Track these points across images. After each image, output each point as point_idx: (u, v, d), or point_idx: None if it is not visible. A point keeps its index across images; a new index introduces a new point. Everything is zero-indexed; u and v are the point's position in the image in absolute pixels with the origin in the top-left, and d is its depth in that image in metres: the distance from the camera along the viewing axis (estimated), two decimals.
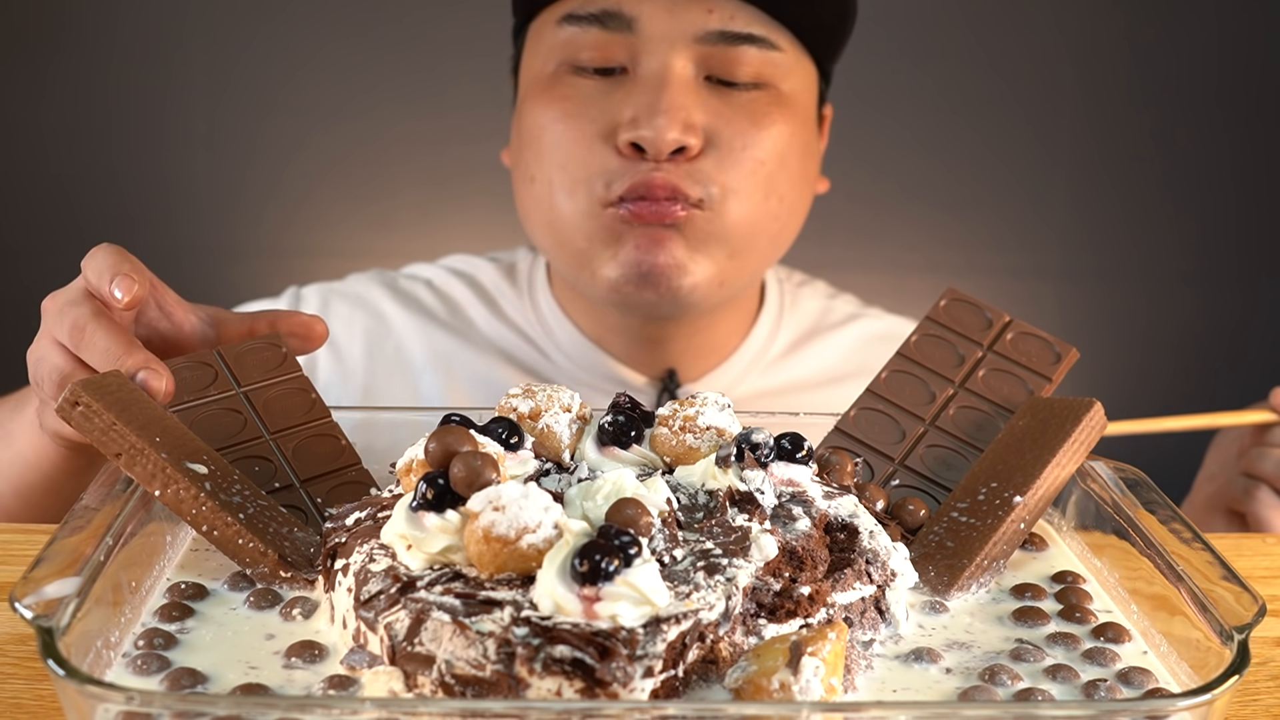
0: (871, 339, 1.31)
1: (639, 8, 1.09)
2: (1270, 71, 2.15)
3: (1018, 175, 2.21)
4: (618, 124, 1.09)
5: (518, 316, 1.27)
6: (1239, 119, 2.17)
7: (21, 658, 0.69)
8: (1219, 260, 2.22)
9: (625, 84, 1.10)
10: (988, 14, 2.16)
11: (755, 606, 0.63)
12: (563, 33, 1.12)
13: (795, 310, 1.30)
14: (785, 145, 1.12)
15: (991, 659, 0.64)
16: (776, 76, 1.12)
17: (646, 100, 1.08)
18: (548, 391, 0.74)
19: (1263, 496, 1.04)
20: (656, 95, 1.07)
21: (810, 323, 1.30)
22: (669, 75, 1.08)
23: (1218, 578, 0.65)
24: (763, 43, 1.10)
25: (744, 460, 0.68)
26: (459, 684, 0.56)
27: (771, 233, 1.14)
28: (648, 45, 1.09)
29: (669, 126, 1.06)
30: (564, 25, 1.12)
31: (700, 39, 1.09)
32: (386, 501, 0.69)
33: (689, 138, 1.07)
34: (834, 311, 1.33)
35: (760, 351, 1.26)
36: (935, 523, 0.75)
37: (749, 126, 1.10)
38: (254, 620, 0.66)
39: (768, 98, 1.11)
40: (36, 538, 0.83)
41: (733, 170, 1.09)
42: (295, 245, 2.25)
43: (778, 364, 1.27)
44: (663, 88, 1.08)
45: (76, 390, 0.70)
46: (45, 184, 2.21)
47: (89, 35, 2.16)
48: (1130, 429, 0.97)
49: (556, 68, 1.12)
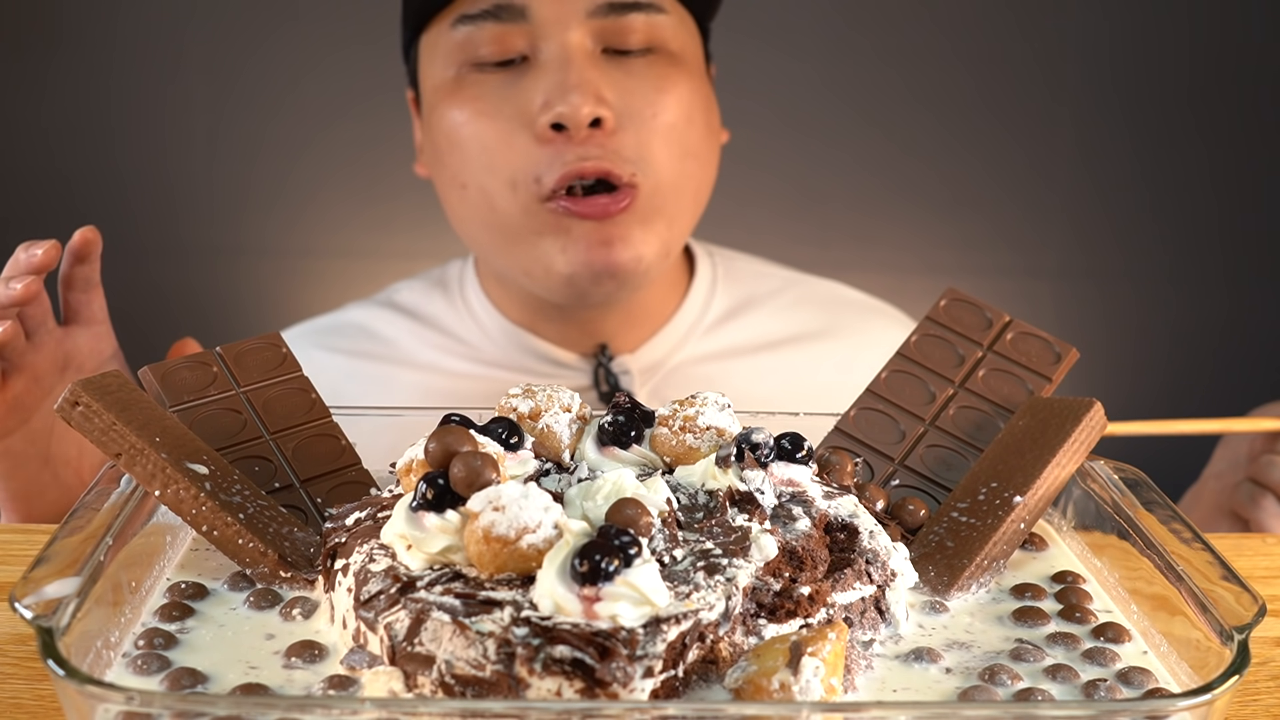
0: (808, 301, 1.32)
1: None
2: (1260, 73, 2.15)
3: (1012, 178, 2.21)
4: (531, 111, 1.10)
5: (448, 319, 1.28)
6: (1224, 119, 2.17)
7: (21, 658, 0.69)
8: (1214, 259, 2.23)
9: (529, 72, 1.12)
10: (982, 18, 2.17)
11: (755, 606, 0.63)
12: (458, 34, 1.13)
13: (730, 277, 1.31)
14: (689, 104, 1.14)
15: (991, 659, 0.64)
16: (665, 38, 1.14)
17: (555, 80, 1.09)
18: (548, 391, 0.74)
19: (1268, 505, 1.03)
20: (563, 73, 1.09)
21: (747, 290, 1.31)
22: (570, 53, 1.10)
23: (1218, 578, 0.65)
24: (649, 8, 1.13)
25: (744, 460, 0.68)
26: (459, 684, 0.56)
27: (693, 190, 1.17)
28: (544, 29, 1.11)
29: (583, 101, 1.08)
30: (458, 26, 1.13)
31: (591, 13, 1.11)
32: (386, 501, 0.69)
33: (603, 109, 1.09)
34: (769, 278, 1.34)
35: (696, 319, 1.27)
36: (935, 523, 0.75)
37: (653, 93, 1.12)
38: (254, 620, 0.66)
39: (663, 61, 1.14)
40: (36, 538, 0.83)
41: (650, 139, 1.11)
42: (297, 246, 2.25)
43: (715, 330, 1.27)
44: (568, 65, 1.10)
45: (76, 390, 0.70)
46: (48, 184, 2.22)
47: (91, 36, 2.16)
48: (1141, 429, 0.97)
49: (458, 70, 1.14)
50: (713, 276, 1.30)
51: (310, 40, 2.15)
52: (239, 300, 2.25)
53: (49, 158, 2.20)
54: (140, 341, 1.09)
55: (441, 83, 1.15)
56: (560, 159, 1.09)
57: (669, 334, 1.25)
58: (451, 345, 1.27)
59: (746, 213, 2.08)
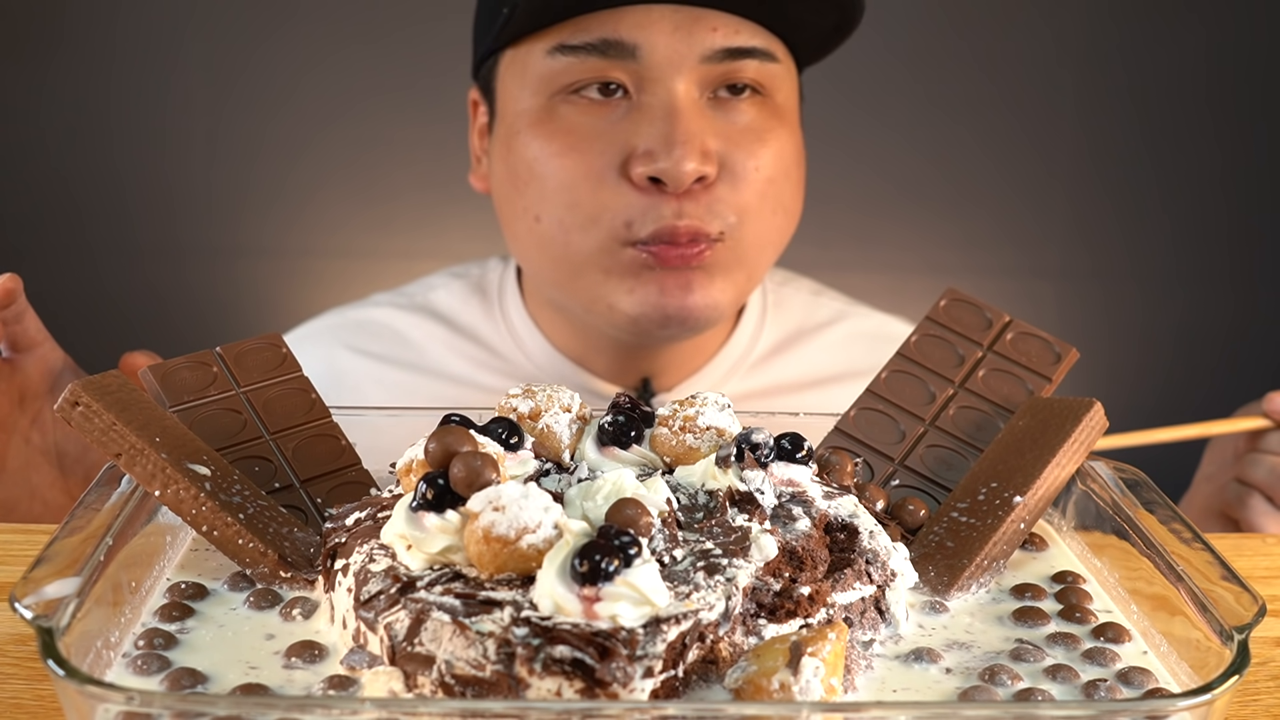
0: (859, 337, 1.29)
1: (640, 34, 1.05)
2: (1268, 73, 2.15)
3: (1015, 177, 2.21)
4: (629, 155, 1.05)
5: (485, 330, 1.25)
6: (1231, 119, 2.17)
7: (21, 658, 0.69)
8: (1220, 261, 2.22)
9: (631, 112, 1.06)
10: (986, 17, 2.16)
11: (755, 606, 0.63)
12: (556, 63, 1.06)
13: (780, 311, 1.28)
14: (787, 158, 1.11)
15: (991, 659, 0.64)
16: (773, 88, 1.10)
17: (659, 130, 1.04)
18: (548, 391, 0.74)
19: (1255, 504, 1.03)
20: (670, 125, 1.04)
21: (795, 323, 1.28)
22: (678, 102, 1.05)
23: (1218, 578, 0.65)
24: (763, 55, 1.08)
25: (744, 460, 0.68)
26: (459, 684, 0.56)
27: (777, 244, 1.14)
28: (652, 71, 1.05)
29: (686, 157, 1.03)
30: (556, 55, 1.06)
31: (706, 59, 1.06)
32: (386, 501, 0.69)
33: (707, 166, 1.04)
34: (820, 310, 1.31)
35: (742, 355, 1.24)
36: (935, 523, 0.75)
37: (755, 145, 1.08)
38: (254, 620, 0.66)
39: (767, 111, 1.10)
40: (36, 538, 0.83)
41: (746, 193, 1.08)
42: (297, 246, 2.25)
43: (760, 367, 1.25)
44: (675, 116, 1.04)
45: (76, 390, 0.70)
46: (48, 184, 2.22)
47: (91, 36, 2.16)
48: (1123, 442, 0.97)
49: (550, 99, 1.08)
50: (762, 308, 1.26)
51: (310, 40, 2.16)
52: (238, 300, 2.26)
53: (49, 158, 2.21)
54: (140, 342, 1.09)
55: (528, 109, 1.09)
56: (657, 212, 1.05)
57: (711, 371, 1.22)
58: (487, 359, 1.23)
59: None
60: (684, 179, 1.03)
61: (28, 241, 2.21)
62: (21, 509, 0.96)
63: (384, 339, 1.26)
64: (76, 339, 1.11)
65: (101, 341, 1.32)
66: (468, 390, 1.22)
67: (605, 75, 1.06)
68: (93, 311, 2.12)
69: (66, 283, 2.16)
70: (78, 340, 1.11)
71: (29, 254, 2.17)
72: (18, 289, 0.91)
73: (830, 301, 1.32)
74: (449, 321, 1.26)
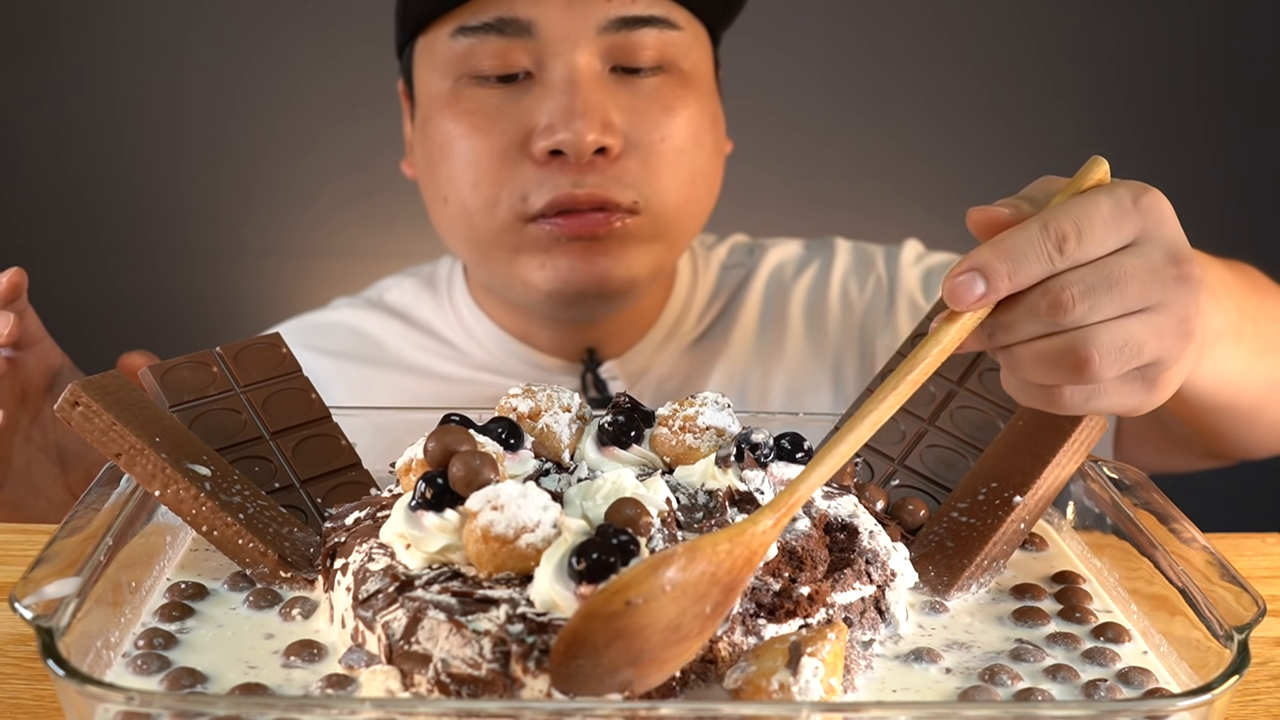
0: (777, 273, 1.29)
1: (535, 10, 1.06)
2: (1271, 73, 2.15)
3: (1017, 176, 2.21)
4: (530, 131, 1.06)
5: (437, 322, 1.27)
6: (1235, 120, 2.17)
7: (21, 658, 0.69)
8: None
9: (532, 89, 1.07)
10: (984, 17, 2.17)
11: (755, 606, 0.63)
12: (458, 45, 1.08)
13: (707, 271, 1.29)
14: (699, 125, 1.11)
15: (991, 659, 0.64)
16: (678, 56, 1.10)
17: (559, 104, 1.05)
18: (547, 391, 0.74)
19: None
20: (570, 97, 1.05)
21: (717, 276, 1.29)
22: (578, 74, 1.06)
23: (1218, 578, 0.65)
24: (663, 23, 1.09)
25: (744, 460, 0.68)
26: (455, 683, 0.56)
27: (698, 210, 1.14)
28: (550, 47, 1.06)
29: (588, 128, 1.03)
30: (458, 37, 1.08)
31: (602, 30, 1.06)
32: (386, 501, 0.69)
33: (609, 137, 1.05)
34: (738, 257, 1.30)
35: (679, 318, 1.24)
36: (935, 523, 0.75)
37: (662, 115, 1.08)
38: (254, 620, 0.66)
39: (674, 80, 1.10)
40: (36, 538, 0.83)
41: (657, 166, 1.08)
42: (298, 246, 2.25)
43: (699, 329, 1.25)
44: (575, 89, 1.05)
45: (76, 390, 0.70)
46: (49, 184, 2.22)
47: (92, 36, 2.16)
48: None
49: (456, 81, 1.09)
50: (693, 273, 1.27)
51: (310, 40, 2.16)
52: (239, 300, 2.25)
53: (49, 158, 2.21)
54: (140, 342, 1.09)
55: (437, 92, 1.11)
56: (553, 182, 1.05)
57: (652, 337, 1.23)
58: (440, 348, 1.25)
59: (746, 213, 2.07)
60: (585, 149, 1.04)
61: (29, 241, 2.21)
62: (27, 506, 0.96)
63: (342, 338, 1.28)
64: (77, 338, 1.11)
65: (102, 341, 1.32)
66: (426, 380, 1.23)
67: (506, 57, 1.07)
68: (93, 311, 2.12)
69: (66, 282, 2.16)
70: (78, 340, 1.11)
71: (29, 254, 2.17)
72: (23, 283, 0.92)
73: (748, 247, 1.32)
74: (403, 316, 1.29)
